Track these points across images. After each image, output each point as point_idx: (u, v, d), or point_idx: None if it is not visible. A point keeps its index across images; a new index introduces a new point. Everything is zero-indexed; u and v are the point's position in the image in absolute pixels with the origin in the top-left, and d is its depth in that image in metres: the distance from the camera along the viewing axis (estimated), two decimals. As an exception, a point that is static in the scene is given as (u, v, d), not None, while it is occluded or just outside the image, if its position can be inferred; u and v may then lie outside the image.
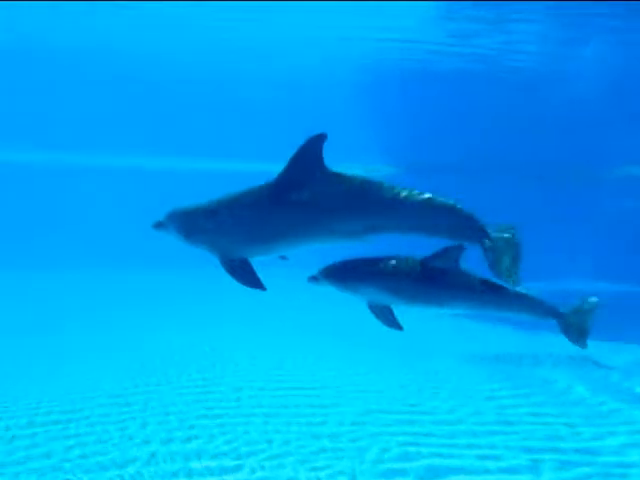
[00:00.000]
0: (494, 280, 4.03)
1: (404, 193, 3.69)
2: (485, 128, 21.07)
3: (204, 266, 6.60)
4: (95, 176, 27.09)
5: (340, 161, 4.27)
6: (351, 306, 5.35)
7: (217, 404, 7.31)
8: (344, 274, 4.10)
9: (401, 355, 9.90)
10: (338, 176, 3.73)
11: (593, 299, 4.76)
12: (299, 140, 3.77)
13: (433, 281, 4.02)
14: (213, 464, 5.50)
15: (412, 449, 5.86)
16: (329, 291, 4.52)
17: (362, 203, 3.68)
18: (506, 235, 3.79)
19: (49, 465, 5.46)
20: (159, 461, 5.56)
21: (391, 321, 4.12)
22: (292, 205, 3.71)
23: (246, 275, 3.79)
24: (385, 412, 7.07)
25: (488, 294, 4.15)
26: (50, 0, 15.53)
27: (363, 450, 5.80)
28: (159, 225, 4.16)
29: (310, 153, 3.66)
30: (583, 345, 4.73)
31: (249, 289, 3.93)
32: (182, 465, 5.46)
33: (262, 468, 5.39)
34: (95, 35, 19.99)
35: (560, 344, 5.98)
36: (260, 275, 3.90)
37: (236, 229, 3.84)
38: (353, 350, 10.43)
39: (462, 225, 3.77)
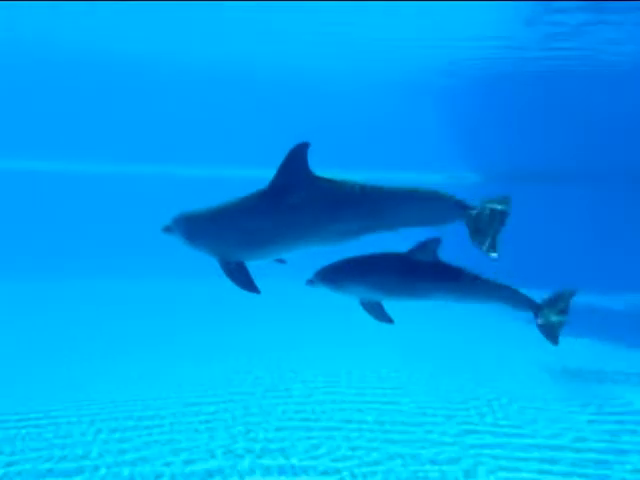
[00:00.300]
0: (473, 271, 4.24)
1: (389, 190, 3.86)
2: (577, 133, 20.01)
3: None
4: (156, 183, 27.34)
5: (424, 168, 4.06)
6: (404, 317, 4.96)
7: (314, 415, 7.19)
8: (335, 276, 4.28)
9: (478, 370, 9.37)
10: (325, 181, 3.90)
11: (570, 291, 4.57)
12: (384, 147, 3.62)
13: (416, 275, 4.19)
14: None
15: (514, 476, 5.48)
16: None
17: (351, 205, 3.84)
18: (491, 206, 3.87)
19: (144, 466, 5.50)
20: (244, 474, 5.48)
21: (382, 316, 4.35)
22: (282, 210, 3.88)
23: (242, 278, 3.99)
24: (482, 432, 6.69)
25: (468, 285, 4.27)
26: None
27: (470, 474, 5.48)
28: (167, 229, 4.32)
29: (296, 160, 3.86)
30: (555, 340, 4.52)
31: (319, 307, 3.87)
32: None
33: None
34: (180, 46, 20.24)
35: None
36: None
37: (232, 234, 4.00)
38: (421, 362, 10.01)
39: (446, 207, 3.91)
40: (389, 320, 4.37)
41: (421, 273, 4.19)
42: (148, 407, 7.49)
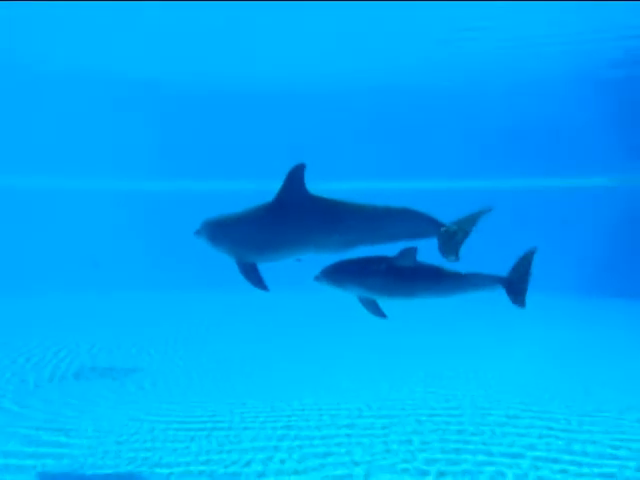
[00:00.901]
0: (448, 268, 4.79)
1: (368, 210, 4.49)
2: None
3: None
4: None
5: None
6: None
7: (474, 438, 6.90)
8: (335, 275, 4.79)
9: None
10: (318, 199, 4.50)
11: (529, 253, 4.93)
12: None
13: (403, 277, 4.74)
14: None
15: None
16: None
17: (335, 222, 4.46)
18: (457, 227, 4.49)
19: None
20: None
21: (377, 312, 4.88)
22: (284, 223, 4.51)
23: (253, 277, 4.55)
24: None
25: (447, 280, 4.82)
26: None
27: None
28: (197, 233, 4.83)
29: (294, 179, 4.46)
30: (522, 303, 4.94)
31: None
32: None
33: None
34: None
35: None
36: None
37: (245, 240, 4.61)
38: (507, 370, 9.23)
39: (423, 225, 4.54)
40: (383, 315, 4.88)
41: (404, 275, 4.76)
42: (324, 415, 7.62)
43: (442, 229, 4.52)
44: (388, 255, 4.70)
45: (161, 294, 20.90)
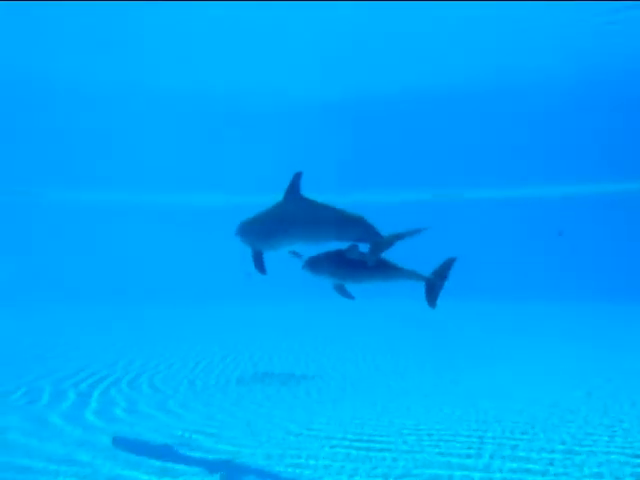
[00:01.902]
0: (387, 262, 5.77)
1: (334, 213, 5.54)
2: None
3: None
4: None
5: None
6: None
7: None
8: (312, 265, 5.77)
9: None
10: (306, 201, 5.63)
11: (450, 260, 5.87)
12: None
13: (357, 267, 5.65)
14: None
15: None
16: None
17: (311, 221, 5.57)
18: (385, 240, 5.47)
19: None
20: None
21: (346, 294, 5.93)
22: (280, 221, 5.66)
23: (258, 262, 5.70)
24: None
25: (385, 271, 5.76)
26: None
27: None
28: (236, 233, 5.98)
29: (293, 185, 5.68)
30: (433, 303, 5.83)
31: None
32: None
33: None
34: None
35: None
36: None
37: (256, 235, 5.78)
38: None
39: (366, 231, 5.53)
40: (350, 297, 5.91)
41: (362, 266, 5.63)
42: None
43: (376, 239, 5.51)
44: (341, 250, 5.67)
45: (313, 303, 21.13)
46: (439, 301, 5.84)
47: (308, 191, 5.69)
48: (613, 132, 24.63)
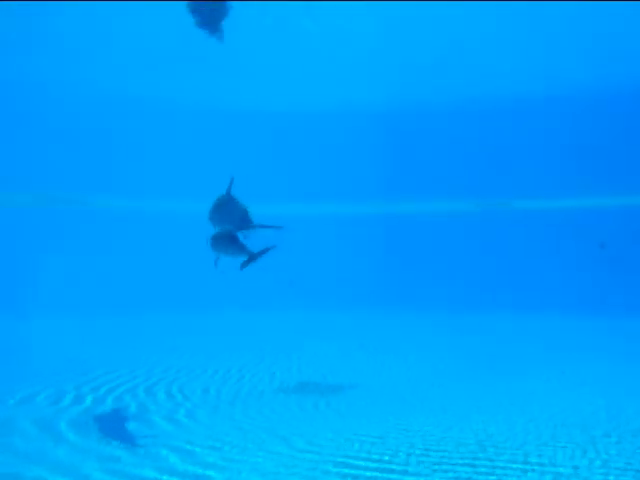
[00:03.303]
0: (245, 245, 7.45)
1: (235, 208, 7.56)
2: None
3: None
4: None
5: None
6: None
7: None
8: (212, 242, 7.39)
9: None
10: (231, 200, 7.53)
11: (269, 248, 7.43)
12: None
13: (224, 243, 7.37)
14: None
15: None
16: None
17: (229, 214, 7.46)
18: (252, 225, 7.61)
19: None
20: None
21: (217, 264, 7.55)
22: (217, 211, 7.46)
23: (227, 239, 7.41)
24: None
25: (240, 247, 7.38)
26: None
27: None
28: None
29: (228, 187, 7.55)
30: (244, 266, 7.42)
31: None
32: None
33: None
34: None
35: None
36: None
37: (219, 219, 7.48)
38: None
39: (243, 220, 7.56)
40: (216, 266, 7.51)
41: (224, 242, 7.33)
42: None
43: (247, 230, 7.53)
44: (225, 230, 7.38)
45: (355, 312, 21.28)
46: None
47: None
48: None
